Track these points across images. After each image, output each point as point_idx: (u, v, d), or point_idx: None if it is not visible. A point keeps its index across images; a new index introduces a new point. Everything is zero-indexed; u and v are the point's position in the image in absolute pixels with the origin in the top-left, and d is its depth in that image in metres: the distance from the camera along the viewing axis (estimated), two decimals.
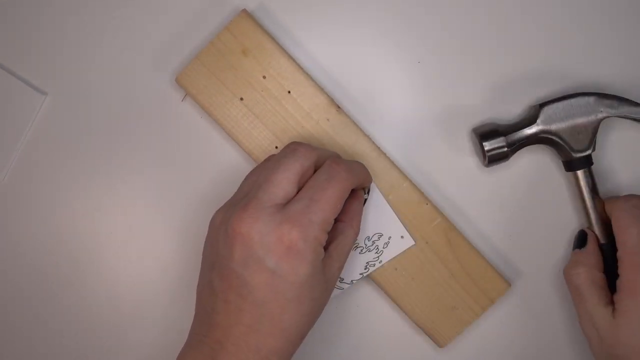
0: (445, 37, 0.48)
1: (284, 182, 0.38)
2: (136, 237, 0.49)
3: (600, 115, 0.44)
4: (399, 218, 0.46)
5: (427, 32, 0.48)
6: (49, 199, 0.49)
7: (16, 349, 0.49)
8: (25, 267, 0.49)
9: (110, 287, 0.49)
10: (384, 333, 0.49)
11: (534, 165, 0.48)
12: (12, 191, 0.48)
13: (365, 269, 0.46)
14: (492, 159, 0.45)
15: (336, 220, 0.40)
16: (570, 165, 0.46)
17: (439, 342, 0.47)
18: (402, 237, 0.46)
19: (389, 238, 0.46)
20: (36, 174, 0.48)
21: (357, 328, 0.49)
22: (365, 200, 0.45)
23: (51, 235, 0.49)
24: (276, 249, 0.37)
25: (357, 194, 0.44)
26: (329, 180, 0.39)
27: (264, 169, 0.40)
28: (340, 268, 0.41)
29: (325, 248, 0.39)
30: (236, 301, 0.37)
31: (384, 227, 0.46)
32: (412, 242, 0.46)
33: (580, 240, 0.46)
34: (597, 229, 0.46)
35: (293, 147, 0.40)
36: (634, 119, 0.45)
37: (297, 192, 0.39)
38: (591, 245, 0.46)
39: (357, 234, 0.43)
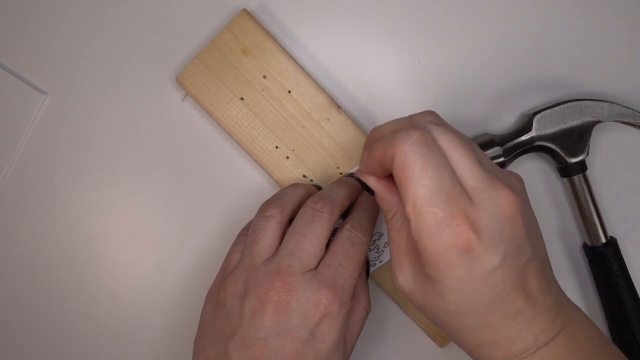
0: (440, 47, 0.48)
1: (317, 249, 0.38)
2: (136, 237, 0.49)
3: (592, 121, 0.45)
4: None
5: (427, 32, 0.48)
6: (49, 199, 0.48)
7: (16, 349, 0.49)
8: (24, 267, 0.49)
9: (110, 287, 0.49)
10: (384, 333, 0.49)
11: (530, 173, 0.49)
12: (12, 191, 0.48)
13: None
14: None
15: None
16: (566, 171, 0.46)
17: (439, 342, 0.47)
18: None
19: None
20: (36, 174, 0.48)
21: None
22: (368, 268, 0.45)
23: (51, 235, 0.49)
24: (313, 315, 0.36)
25: (361, 267, 0.43)
26: (353, 246, 0.39)
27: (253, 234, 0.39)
28: (351, 347, 0.40)
29: None
30: None
31: (384, 227, 0.46)
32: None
33: (366, 186, 0.38)
34: (594, 232, 0.46)
35: (316, 209, 0.39)
36: (626, 123, 0.46)
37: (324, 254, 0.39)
38: (375, 185, 0.38)
39: (367, 310, 0.41)
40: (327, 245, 0.39)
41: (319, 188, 0.45)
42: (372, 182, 0.38)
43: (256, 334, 0.36)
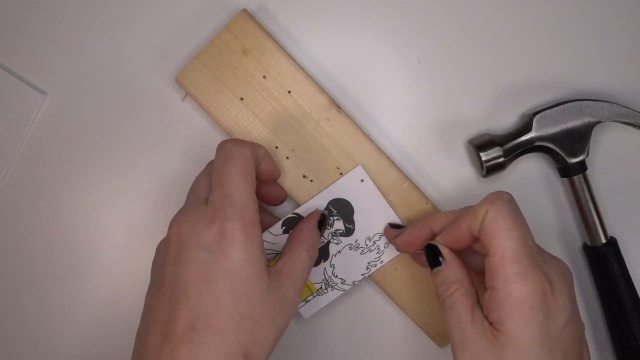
0: (440, 47, 0.48)
1: (202, 181, 0.40)
2: (136, 237, 0.49)
3: (592, 121, 0.45)
4: (399, 218, 0.46)
5: (427, 32, 0.48)
6: (49, 198, 0.49)
7: (16, 349, 0.49)
8: (24, 266, 0.49)
9: (110, 287, 0.49)
10: (384, 333, 0.49)
11: (530, 173, 0.49)
12: (12, 191, 0.48)
13: (366, 269, 0.46)
14: (490, 169, 0.45)
15: (292, 241, 0.41)
16: (566, 171, 0.46)
17: (439, 342, 0.47)
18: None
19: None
20: (36, 173, 0.48)
21: (357, 328, 0.49)
22: (324, 221, 0.45)
23: (51, 235, 0.49)
24: (206, 235, 0.36)
25: (310, 215, 0.44)
26: (226, 161, 0.38)
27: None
28: (297, 290, 0.39)
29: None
30: (170, 310, 0.36)
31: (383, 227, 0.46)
32: (449, 252, 0.46)
33: (434, 255, 0.40)
34: (594, 233, 0.46)
35: (223, 147, 0.39)
36: (626, 123, 0.46)
37: None
38: (449, 256, 0.40)
39: (311, 256, 0.41)
40: None
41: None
42: (446, 252, 0.40)
43: (162, 271, 0.37)
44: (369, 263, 0.46)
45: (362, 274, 0.46)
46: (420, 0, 0.48)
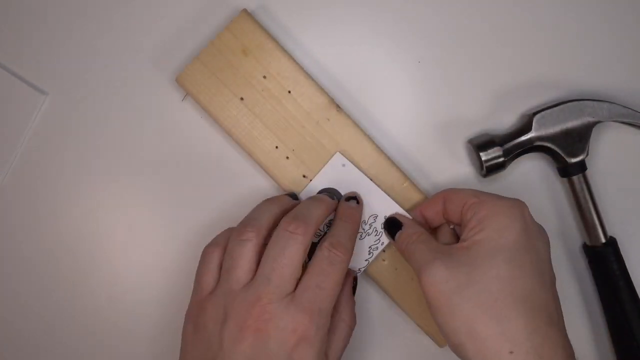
0: (440, 47, 0.48)
1: (293, 272, 0.38)
2: (136, 237, 0.49)
3: (592, 121, 0.45)
4: (389, 196, 0.46)
5: (427, 32, 0.48)
6: (49, 199, 0.49)
7: (16, 349, 0.49)
8: (25, 267, 0.49)
9: (110, 287, 0.49)
10: (384, 333, 0.49)
11: (530, 173, 0.49)
12: (12, 191, 0.48)
13: (369, 254, 0.46)
14: (490, 169, 0.45)
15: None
16: (565, 171, 0.46)
17: (439, 342, 0.47)
18: (396, 214, 0.46)
19: (385, 217, 0.46)
20: (36, 174, 0.48)
21: (357, 328, 0.49)
22: (355, 284, 0.45)
23: (51, 235, 0.49)
24: (290, 340, 0.37)
25: (347, 280, 0.44)
26: (332, 266, 0.39)
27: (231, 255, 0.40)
28: None
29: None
30: None
31: (377, 208, 0.46)
32: (409, 217, 0.46)
33: (394, 226, 0.44)
34: (593, 232, 0.46)
35: (289, 231, 0.39)
36: (626, 123, 0.46)
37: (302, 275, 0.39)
38: (407, 220, 0.44)
39: (351, 326, 0.42)
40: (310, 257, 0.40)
41: (294, 197, 0.45)
42: (404, 218, 0.44)
43: (236, 359, 0.37)
44: (370, 247, 0.46)
45: (365, 260, 0.46)
46: (421, 1, 0.48)
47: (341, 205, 0.44)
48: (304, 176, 0.46)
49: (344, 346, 0.41)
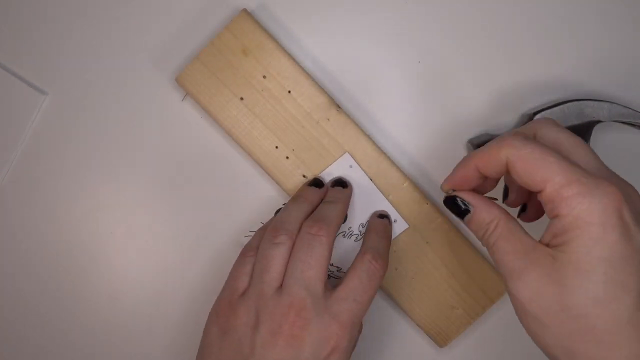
0: (440, 47, 0.48)
1: (321, 274, 0.39)
2: (136, 237, 0.49)
3: (592, 121, 0.45)
4: (390, 202, 0.46)
5: (427, 32, 0.48)
6: (49, 199, 0.49)
7: (16, 349, 0.49)
8: (25, 267, 0.49)
9: (110, 287, 0.49)
10: (384, 333, 0.49)
11: None
12: (12, 191, 0.48)
13: None
14: None
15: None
16: None
17: (439, 342, 0.47)
18: (395, 221, 0.46)
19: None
20: (36, 174, 0.48)
21: None
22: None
23: (51, 235, 0.49)
24: (324, 349, 0.37)
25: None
26: (371, 280, 0.40)
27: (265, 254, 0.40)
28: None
29: None
30: None
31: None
32: (406, 225, 0.46)
33: (456, 205, 0.38)
34: None
35: (312, 233, 0.39)
36: (626, 123, 0.45)
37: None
38: (475, 199, 0.37)
39: (360, 332, 0.42)
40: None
41: (318, 184, 0.45)
42: (470, 197, 0.37)
43: None
44: None
45: None
46: (421, 1, 0.48)
47: (375, 221, 0.45)
48: (303, 176, 0.46)
49: (353, 349, 0.41)
